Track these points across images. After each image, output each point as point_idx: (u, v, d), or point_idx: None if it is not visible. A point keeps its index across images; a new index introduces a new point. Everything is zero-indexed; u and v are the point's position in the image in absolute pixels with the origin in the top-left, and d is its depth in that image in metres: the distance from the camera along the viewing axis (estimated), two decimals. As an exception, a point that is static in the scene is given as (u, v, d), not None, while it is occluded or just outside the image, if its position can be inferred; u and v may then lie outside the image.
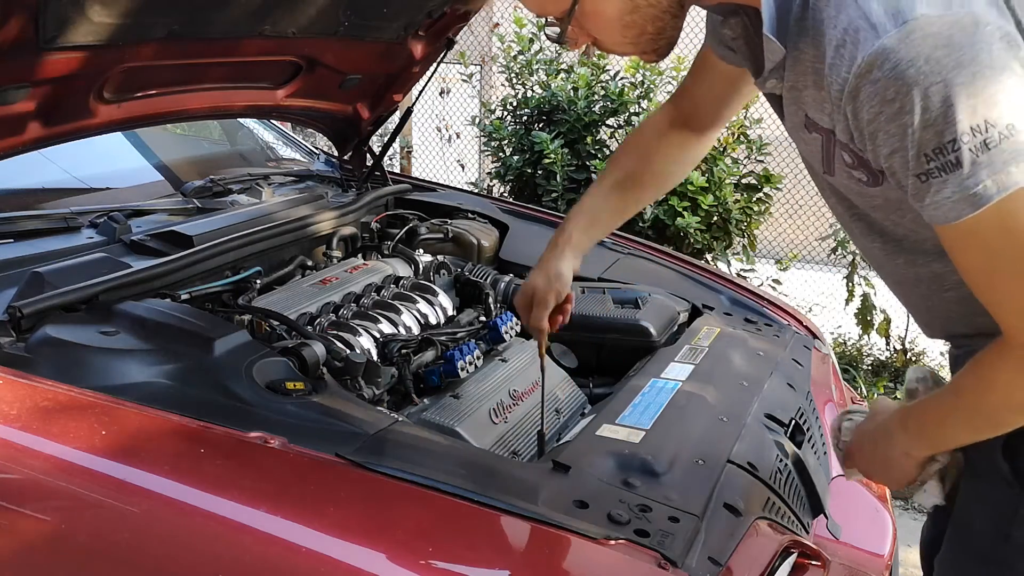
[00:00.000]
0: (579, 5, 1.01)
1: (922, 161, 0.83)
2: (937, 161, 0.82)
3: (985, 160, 0.81)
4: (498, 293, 2.10)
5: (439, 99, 5.98)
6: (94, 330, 1.42)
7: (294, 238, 2.04)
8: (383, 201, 2.45)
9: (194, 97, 1.93)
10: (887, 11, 0.81)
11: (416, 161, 6.48)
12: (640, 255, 2.40)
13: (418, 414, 1.53)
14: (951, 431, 1.07)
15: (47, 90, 1.56)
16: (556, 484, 1.20)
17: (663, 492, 1.20)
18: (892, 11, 0.81)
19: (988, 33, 0.81)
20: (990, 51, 0.80)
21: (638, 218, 3.68)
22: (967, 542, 1.18)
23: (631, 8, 1.02)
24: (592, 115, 4.02)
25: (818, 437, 1.68)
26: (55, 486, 1.13)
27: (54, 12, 1.37)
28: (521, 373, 1.75)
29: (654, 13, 1.02)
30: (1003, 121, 0.80)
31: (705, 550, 1.09)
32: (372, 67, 2.23)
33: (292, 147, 2.88)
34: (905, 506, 3.30)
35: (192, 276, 1.76)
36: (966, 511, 1.18)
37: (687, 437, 1.40)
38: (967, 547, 1.18)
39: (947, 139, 0.81)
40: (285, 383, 1.37)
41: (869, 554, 1.53)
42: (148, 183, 2.26)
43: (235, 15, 1.69)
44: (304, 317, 1.73)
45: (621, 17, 1.03)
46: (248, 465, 1.16)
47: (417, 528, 1.05)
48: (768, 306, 2.22)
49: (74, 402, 1.23)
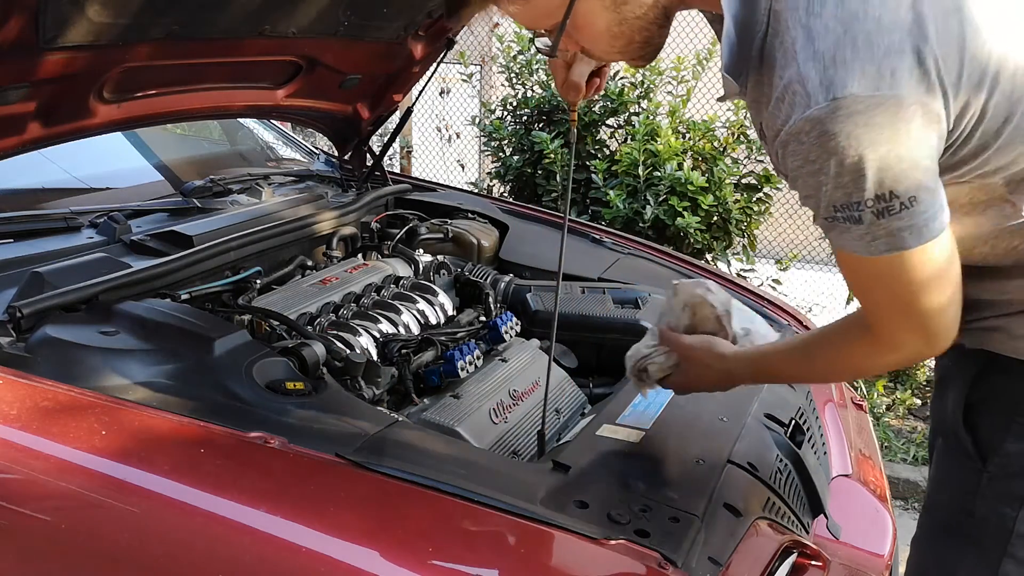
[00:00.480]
0: (569, 20, 1.05)
1: (831, 211, 0.94)
2: (843, 213, 0.93)
3: (884, 223, 0.92)
4: (498, 293, 2.10)
5: (439, 99, 5.98)
6: (94, 330, 1.42)
7: (294, 238, 2.04)
8: (383, 201, 2.45)
9: (194, 97, 1.93)
10: (821, 82, 0.88)
11: (416, 161, 6.48)
12: (640, 255, 2.40)
13: (418, 414, 1.53)
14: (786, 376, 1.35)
15: (47, 90, 1.56)
16: (556, 484, 1.20)
17: (663, 492, 1.20)
18: (826, 84, 0.88)
19: (909, 114, 0.88)
20: (908, 130, 0.88)
21: (638, 218, 3.69)
22: (936, 518, 1.23)
23: (619, 20, 1.06)
24: (592, 115, 4.02)
25: (818, 437, 1.68)
26: (55, 486, 1.13)
27: (54, 12, 1.37)
28: (521, 373, 1.75)
29: (641, 24, 1.07)
30: (907, 195, 0.90)
31: (705, 550, 1.09)
32: (372, 67, 2.23)
33: (292, 147, 2.88)
34: (905, 506, 3.30)
35: (192, 276, 1.76)
36: (935, 488, 1.24)
37: (687, 437, 1.40)
38: (935, 523, 1.23)
39: (854, 200, 0.91)
40: (285, 383, 1.37)
41: (869, 554, 1.53)
42: (148, 183, 2.26)
43: (235, 15, 1.69)
44: (304, 317, 1.73)
45: (609, 29, 1.07)
46: (248, 465, 1.16)
47: (417, 528, 1.05)
48: (768, 306, 2.22)
49: (74, 402, 1.23)
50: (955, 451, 1.18)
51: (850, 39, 0.87)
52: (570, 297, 2.07)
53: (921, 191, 0.91)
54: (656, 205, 3.67)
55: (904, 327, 1.02)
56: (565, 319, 1.99)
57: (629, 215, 3.69)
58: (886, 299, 1.00)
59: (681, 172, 3.66)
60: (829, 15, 0.88)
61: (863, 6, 0.88)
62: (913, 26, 0.87)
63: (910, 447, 3.62)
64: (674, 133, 3.81)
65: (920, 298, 0.98)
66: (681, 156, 3.77)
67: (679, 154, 3.74)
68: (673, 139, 3.72)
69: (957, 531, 1.18)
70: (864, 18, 0.87)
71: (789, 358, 1.23)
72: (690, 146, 3.89)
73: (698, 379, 1.31)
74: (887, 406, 3.89)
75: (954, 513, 1.18)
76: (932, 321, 1.00)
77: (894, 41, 0.87)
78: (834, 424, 1.87)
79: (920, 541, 1.27)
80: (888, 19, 0.87)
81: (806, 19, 0.89)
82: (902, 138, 0.88)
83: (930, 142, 0.91)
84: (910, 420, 3.88)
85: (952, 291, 0.99)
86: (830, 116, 0.88)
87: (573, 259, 2.32)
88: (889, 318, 1.02)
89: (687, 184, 3.64)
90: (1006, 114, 0.95)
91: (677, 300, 1.33)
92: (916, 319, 1.00)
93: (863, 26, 0.87)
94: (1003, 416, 1.11)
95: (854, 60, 0.87)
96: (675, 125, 3.90)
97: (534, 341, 1.93)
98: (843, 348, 1.13)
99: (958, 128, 0.94)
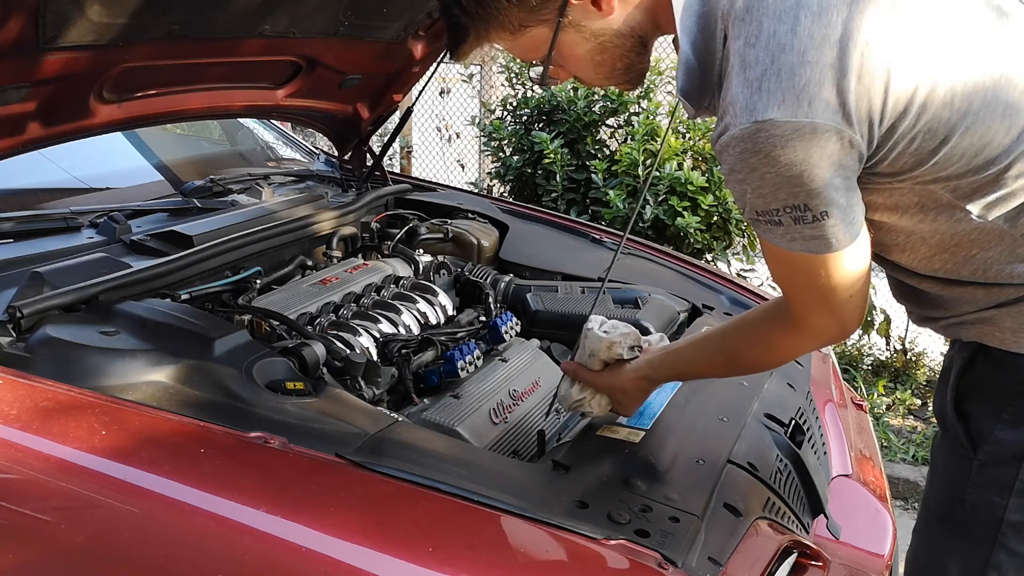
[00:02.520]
0: (555, 50, 1.15)
1: (754, 214, 1.05)
2: (764, 218, 1.04)
3: (800, 229, 1.02)
4: (498, 293, 2.10)
5: (439, 99, 5.98)
6: (94, 330, 1.42)
7: (294, 238, 2.04)
8: (383, 201, 2.45)
9: (194, 97, 1.93)
10: (747, 105, 0.97)
11: (416, 161, 6.48)
12: (640, 255, 2.40)
13: (418, 414, 1.53)
14: (704, 368, 1.36)
15: (47, 90, 1.56)
16: (556, 484, 1.20)
17: (663, 492, 1.20)
18: (750, 107, 0.97)
19: (823, 140, 0.96)
20: (822, 154, 0.96)
21: (638, 218, 3.69)
22: (930, 509, 1.26)
23: (599, 49, 1.15)
24: (592, 115, 4.03)
25: (818, 437, 1.68)
26: (55, 486, 1.13)
27: (54, 12, 1.37)
28: (521, 373, 1.75)
29: (620, 52, 1.16)
30: (819, 209, 1.00)
31: (705, 550, 1.09)
32: (372, 67, 2.23)
33: (292, 147, 2.88)
34: (905, 506, 3.30)
35: (192, 276, 1.76)
36: (930, 479, 1.27)
37: (687, 437, 1.40)
38: (930, 512, 1.26)
39: (772, 207, 1.02)
40: (285, 383, 1.37)
41: (869, 554, 1.53)
42: (148, 183, 2.26)
43: (235, 15, 1.69)
44: (304, 317, 1.73)
45: (592, 58, 1.16)
46: (248, 465, 1.16)
47: (417, 528, 1.05)
48: (768, 306, 2.22)
49: (74, 402, 1.23)
50: (949, 441, 1.20)
51: (775, 69, 0.96)
52: (570, 297, 2.07)
53: (832, 207, 1.00)
54: (656, 205, 3.67)
55: (821, 313, 1.12)
56: (565, 319, 1.99)
57: (629, 215, 3.69)
58: (804, 286, 1.11)
59: (681, 172, 3.67)
60: (761, 46, 0.97)
61: (792, 39, 0.96)
62: (836, 61, 0.95)
63: (910, 447, 3.62)
64: (674, 133, 3.81)
65: (835, 290, 1.08)
66: (681, 156, 3.77)
67: (679, 154, 3.74)
68: (673, 139, 3.73)
69: (949, 520, 1.20)
70: (790, 51, 0.96)
71: (711, 361, 1.32)
72: (690, 146, 3.89)
73: (630, 400, 1.40)
74: (887, 406, 3.89)
75: (946, 503, 1.21)
76: (845, 309, 1.11)
77: (814, 75, 0.95)
78: (834, 424, 1.87)
79: (917, 532, 1.30)
80: (812, 55, 0.95)
81: (743, 49, 0.99)
82: (815, 159, 0.97)
83: (844, 163, 0.99)
84: (910, 420, 3.88)
85: (862, 283, 1.10)
86: (751, 136, 0.97)
87: (573, 259, 2.32)
88: (807, 306, 1.13)
89: (687, 184, 3.64)
90: (943, 135, 1.01)
91: (582, 351, 1.41)
92: (831, 308, 1.11)
93: (788, 59, 0.96)
94: (993, 404, 1.13)
95: (776, 89, 0.96)
96: (675, 125, 3.90)
97: (534, 341, 1.93)
98: (763, 336, 1.24)
99: (885, 146, 1.01)
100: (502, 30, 1.15)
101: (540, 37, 1.14)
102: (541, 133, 3.94)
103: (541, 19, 1.13)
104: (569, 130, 4.02)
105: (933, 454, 1.27)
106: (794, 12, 0.96)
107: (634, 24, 1.14)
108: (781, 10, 0.97)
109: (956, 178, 1.04)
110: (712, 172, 3.77)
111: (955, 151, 1.01)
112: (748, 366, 1.34)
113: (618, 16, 1.13)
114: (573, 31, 1.13)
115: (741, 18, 1.00)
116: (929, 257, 1.12)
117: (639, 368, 1.36)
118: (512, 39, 1.16)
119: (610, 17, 1.12)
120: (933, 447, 1.27)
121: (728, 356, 1.29)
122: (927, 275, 1.15)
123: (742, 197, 1.04)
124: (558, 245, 2.43)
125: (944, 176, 1.04)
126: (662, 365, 1.35)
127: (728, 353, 1.29)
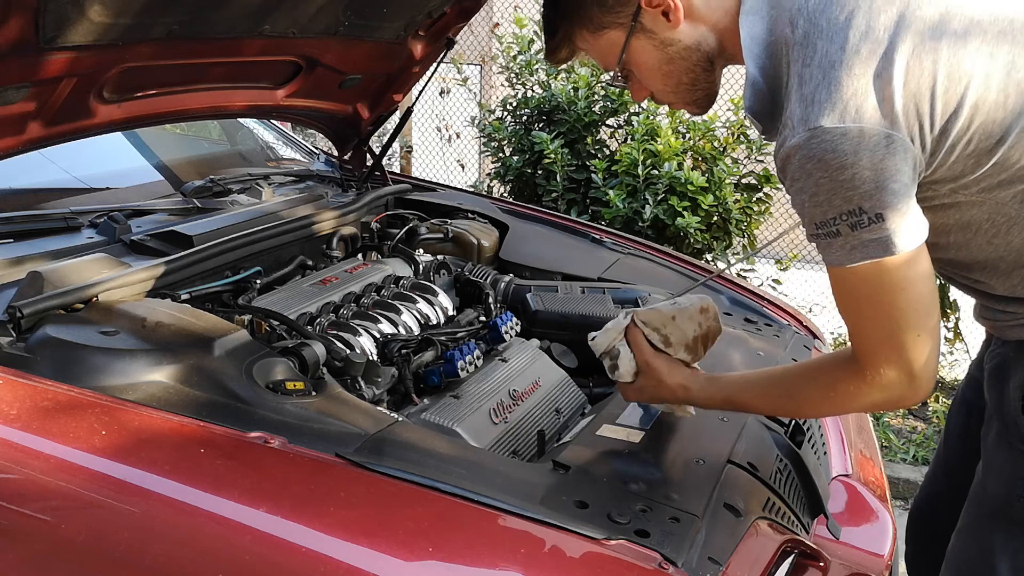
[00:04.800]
0: (627, 56, 1.23)
1: (812, 228, 1.09)
2: (823, 229, 1.08)
3: (858, 235, 1.05)
4: (498, 293, 2.10)
5: (439, 99, 5.98)
6: (94, 330, 1.42)
7: (294, 238, 2.04)
8: (383, 201, 2.45)
9: (194, 97, 1.93)
10: (801, 117, 1.05)
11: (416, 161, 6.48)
12: (640, 255, 2.40)
13: (418, 414, 1.53)
14: (757, 408, 1.36)
15: (47, 90, 1.55)
16: (556, 484, 1.20)
17: (663, 492, 1.20)
18: (804, 117, 1.05)
19: (872, 142, 1.02)
20: (872, 156, 1.02)
21: (638, 218, 3.69)
22: (983, 506, 1.28)
23: (667, 59, 1.22)
24: (592, 115, 4.02)
25: (818, 437, 1.68)
26: (55, 486, 1.13)
27: (54, 12, 1.37)
28: (521, 373, 1.75)
29: (687, 66, 1.23)
30: (873, 211, 1.04)
31: (705, 550, 1.09)
32: (372, 67, 2.23)
33: (292, 147, 2.88)
34: (905, 506, 3.31)
35: (192, 276, 1.76)
36: (985, 476, 1.29)
37: (687, 437, 1.40)
38: (982, 511, 1.28)
39: (829, 216, 1.06)
40: (285, 383, 1.37)
41: (869, 554, 1.53)
42: (148, 183, 2.26)
43: (235, 15, 1.69)
44: (304, 317, 1.73)
45: (660, 67, 1.23)
46: (248, 465, 1.16)
47: (417, 528, 1.05)
48: (768, 306, 2.22)
49: (74, 402, 1.23)
50: (1009, 438, 1.23)
51: (826, 83, 1.04)
52: (570, 297, 2.07)
53: (887, 209, 1.03)
54: (656, 205, 3.67)
55: (889, 356, 1.10)
56: (565, 319, 1.99)
57: (629, 215, 3.69)
58: (870, 315, 1.10)
59: (681, 172, 3.66)
60: (815, 65, 1.06)
61: (841, 56, 1.04)
62: (882, 71, 1.03)
63: (910, 447, 3.62)
64: (674, 133, 3.81)
65: (902, 319, 1.08)
66: (681, 156, 3.77)
67: (679, 154, 3.74)
68: (673, 139, 3.72)
69: (1005, 517, 1.23)
70: (840, 66, 1.04)
71: (766, 392, 1.28)
72: (690, 146, 3.89)
73: (652, 393, 1.38)
74: (887, 406, 3.89)
75: (1004, 500, 1.23)
76: (914, 352, 1.09)
77: (861, 85, 1.03)
78: (834, 424, 1.87)
79: (964, 532, 1.31)
80: (859, 68, 1.03)
81: (801, 70, 1.07)
82: (865, 162, 1.02)
83: (897, 167, 1.03)
84: (910, 420, 3.88)
85: (932, 321, 1.10)
86: (805, 143, 1.04)
87: (573, 259, 2.32)
88: (873, 343, 1.11)
89: (687, 184, 3.64)
90: (999, 135, 1.06)
91: (655, 317, 1.37)
92: (900, 351, 1.09)
93: (837, 73, 1.04)
94: None
95: (827, 100, 1.03)
96: (675, 125, 3.90)
97: (534, 341, 1.93)
98: (826, 376, 1.22)
99: (940, 150, 1.07)
100: (583, 29, 1.24)
101: (616, 40, 1.22)
102: (541, 133, 3.94)
103: (617, 21, 1.21)
104: (569, 130, 4.02)
105: (988, 451, 1.28)
106: (844, 32, 1.05)
107: (702, 41, 1.21)
108: (832, 31, 1.05)
109: (1020, 181, 1.08)
110: (712, 172, 3.77)
111: (1013, 151, 1.06)
112: (802, 405, 1.28)
113: (686, 30, 1.20)
114: (645, 38, 1.21)
115: (800, 43, 1.08)
116: (1008, 273, 1.17)
117: (689, 376, 1.35)
118: (593, 39, 1.24)
119: (678, 29, 1.19)
120: (986, 444, 1.28)
121: (785, 390, 1.26)
122: (1011, 297, 1.21)
123: (802, 208, 1.09)
124: (558, 245, 2.43)
125: (1007, 179, 1.08)
126: (711, 384, 1.33)
127: (785, 387, 1.26)
